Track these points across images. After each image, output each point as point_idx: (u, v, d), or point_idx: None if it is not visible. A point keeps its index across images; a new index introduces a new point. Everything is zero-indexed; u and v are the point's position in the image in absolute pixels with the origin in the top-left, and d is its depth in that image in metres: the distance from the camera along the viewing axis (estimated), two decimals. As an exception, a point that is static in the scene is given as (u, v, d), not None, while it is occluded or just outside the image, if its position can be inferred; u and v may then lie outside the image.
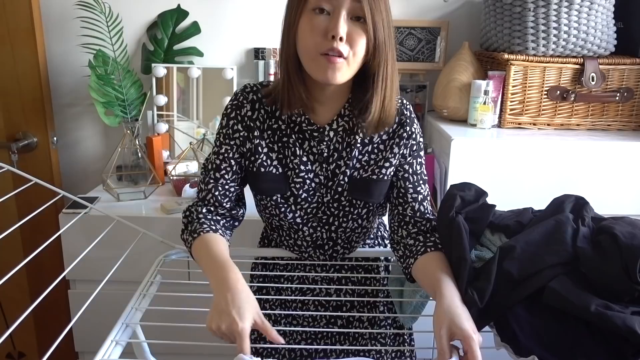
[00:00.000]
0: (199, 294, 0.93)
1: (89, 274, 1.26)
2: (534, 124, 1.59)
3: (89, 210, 1.04)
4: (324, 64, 0.83)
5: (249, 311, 0.75)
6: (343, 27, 0.81)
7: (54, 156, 1.90)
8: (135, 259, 1.04)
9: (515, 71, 1.53)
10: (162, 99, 1.78)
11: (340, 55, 0.82)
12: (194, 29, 1.82)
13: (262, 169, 0.96)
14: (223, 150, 0.97)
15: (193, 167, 1.67)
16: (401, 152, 0.97)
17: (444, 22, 1.83)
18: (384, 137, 0.97)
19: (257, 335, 1.11)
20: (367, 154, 0.97)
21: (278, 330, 1.07)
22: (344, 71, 0.85)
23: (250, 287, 1.14)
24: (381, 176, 0.97)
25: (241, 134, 0.96)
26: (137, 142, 1.62)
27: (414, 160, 0.99)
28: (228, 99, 1.77)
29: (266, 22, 1.84)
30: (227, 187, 0.97)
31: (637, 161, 1.44)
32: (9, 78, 1.79)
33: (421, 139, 1.00)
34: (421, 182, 0.99)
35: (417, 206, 0.97)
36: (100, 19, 1.68)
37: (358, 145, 0.96)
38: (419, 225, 0.96)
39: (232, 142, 0.96)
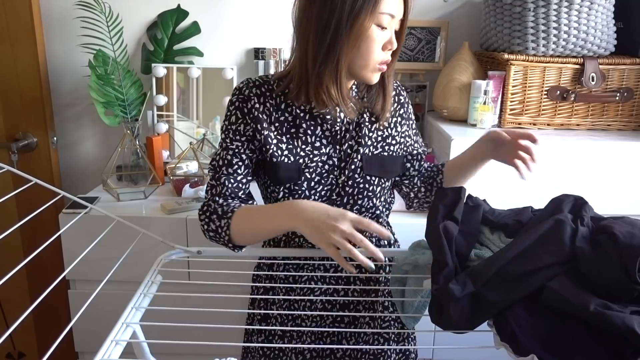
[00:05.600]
0: (199, 294, 0.93)
1: (89, 274, 1.26)
2: (534, 124, 1.59)
3: (89, 210, 1.04)
4: (377, 72, 0.96)
5: (339, 210, 0.83)
6: None
7: (54, 156, 1.90)
8: (135, 259, 1.04)
9: (515, 71, 1.53)
10: (162, 99, 1.79)
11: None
12: (194, 29, 1.82)
13: (275, 159, 0.98)
14: (234, 146, 0.98)
15: (193, 167, 1.67)
16: (404, 129, 1.10)
17: (444, 22, 1.83)
18: (387, 115, 1.06)
19: (264, 337, 1.11)
20: (375, 131, 1.05)
21: (284, 331, 1.08)
22: None
23: (255, 287, 1.14)
24: (392, 152, 1.06)
25: (250, 126, 0.98)
26: (137, 142, 1.62)
27: (412, 131, 1.15)
28: (228, 99, 1.78)
29: (266, 22, 1.84)
30: (239, 179, 0.99)
31: (637, 161, 1.44)
32: (9, 78, 1.79)
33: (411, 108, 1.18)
34: (420, 141, 1.17)
35: (426, 164, 1.18)
36: (100, 19, 1.68)
37: (367, 123, 1.03)
38: (431, 172, 1.17)
39: (242, 138, 0.98)
